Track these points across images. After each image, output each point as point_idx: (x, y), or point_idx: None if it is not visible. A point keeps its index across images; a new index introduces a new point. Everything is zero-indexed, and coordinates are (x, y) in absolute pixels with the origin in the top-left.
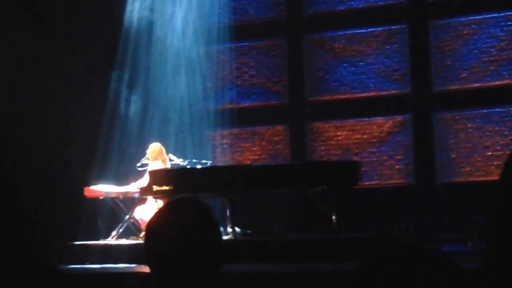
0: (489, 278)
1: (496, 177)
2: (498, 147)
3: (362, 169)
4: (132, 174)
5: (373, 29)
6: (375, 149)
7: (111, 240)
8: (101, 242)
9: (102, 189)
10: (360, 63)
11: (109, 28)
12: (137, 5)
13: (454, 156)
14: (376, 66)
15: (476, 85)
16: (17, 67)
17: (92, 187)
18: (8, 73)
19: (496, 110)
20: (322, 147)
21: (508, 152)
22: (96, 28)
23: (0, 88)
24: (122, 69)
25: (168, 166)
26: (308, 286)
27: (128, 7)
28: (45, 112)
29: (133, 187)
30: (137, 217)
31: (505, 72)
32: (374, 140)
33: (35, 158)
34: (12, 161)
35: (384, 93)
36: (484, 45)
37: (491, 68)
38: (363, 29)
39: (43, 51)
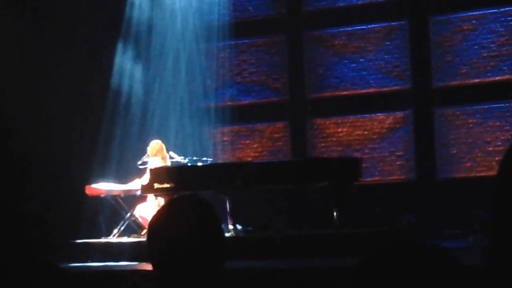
0: (489, 274)
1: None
2: (499, 143)
3: (363, 165)
4: (133, 172)
5: (373, 25)
6: (376, 145)
7: (113, 238)
8: (103, 240)
9: (103, 187)
10: (361, 60)
11: (109, 25)
12: (137, 2)
13: (455, 151)
14: (376, 62)
15: (477, 80)
16: (18, 65)
17: (93, 185)
18: (8, 71)
19: (497, 105)
20: (323, 144)
21: None
22: (96, 25)
23: (1, 87)
24: (123, 67)
25: (168, 163)
26: (310, 282)
27: (128, 4)
28: (46, 111)
29: (136, 184)
30: (138, 215)
31: (505, 68)
32: (375, 136)
33: (37, 157)
34: (13, 160)
35: (385, 89)
36: (484, 41)
37: (491, 63)
38: (363, 26)
39: (43, 49)
